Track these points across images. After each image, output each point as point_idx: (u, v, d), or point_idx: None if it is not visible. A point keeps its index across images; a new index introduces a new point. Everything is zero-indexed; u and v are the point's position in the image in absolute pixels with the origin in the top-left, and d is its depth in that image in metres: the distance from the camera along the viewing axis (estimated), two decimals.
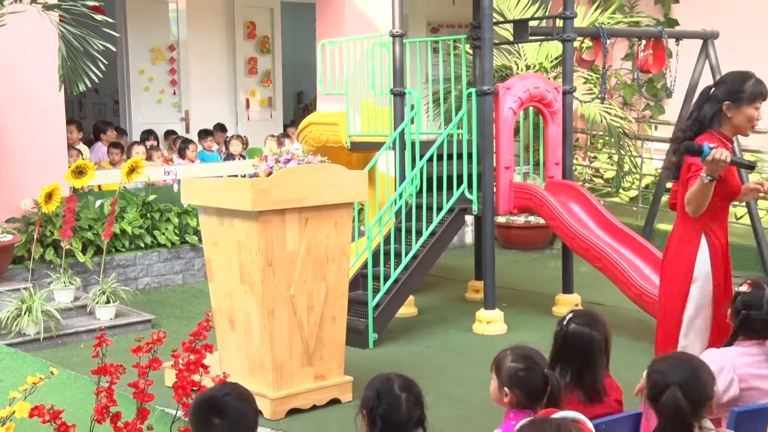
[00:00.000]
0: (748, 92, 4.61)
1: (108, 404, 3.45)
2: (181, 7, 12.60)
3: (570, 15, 7.67)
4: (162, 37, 12.65)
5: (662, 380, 3.08)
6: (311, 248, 5.41)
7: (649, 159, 11.65)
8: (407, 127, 7.49)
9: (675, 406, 2.99)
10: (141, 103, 12.55)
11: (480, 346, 6.71)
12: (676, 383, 3.03)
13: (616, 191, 11.72)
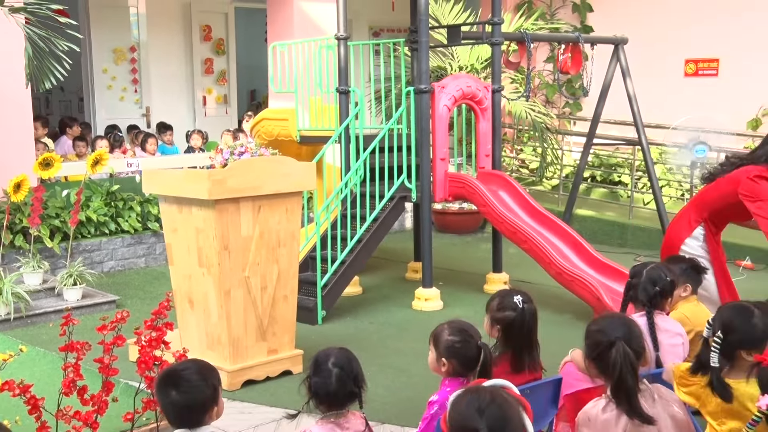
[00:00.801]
0: None
1: (75, 378, 3.41)
2: (141, 11, 12.48)
3: (497, 21, 7.71)
4: (123, 39, 12.52)
5: (605, 338, 3.06)
6: (264, 233, 5.38)
7: (568, 151, 11.76)
8: (352, 123, 7.47)
9: (624, 356, 2.98)
10: (104, 100, 12.43)
11: (419, 321, 6.72)
12: (620, 338, 3.03)
13: (539, 180, 11.84)
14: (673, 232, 5.12)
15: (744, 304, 3.41)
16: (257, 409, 5.06)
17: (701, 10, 10.91)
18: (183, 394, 2.87)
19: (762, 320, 3.24)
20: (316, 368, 3.16)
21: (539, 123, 10.88)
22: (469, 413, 2.46)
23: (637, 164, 10.41)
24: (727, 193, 4.90)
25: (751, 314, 3.26)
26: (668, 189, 10.50)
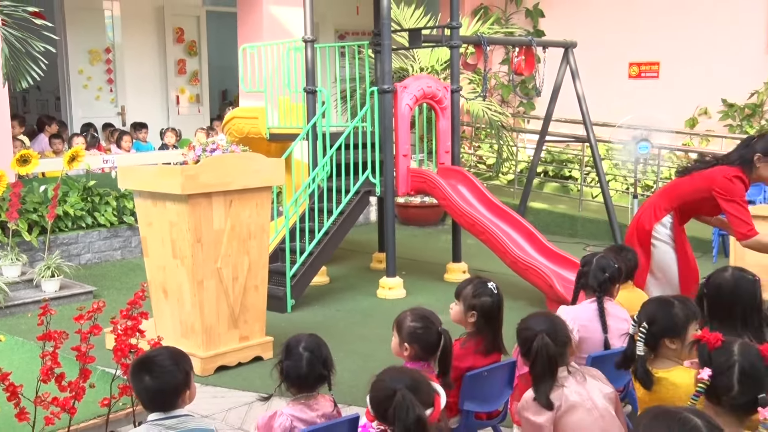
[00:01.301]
0: None
1: (52, 366, 3.34)
2: (116, 14, 12.33)
3: (456, 25, 7.71)
4: (99, 40, 12.35)
5: (531, 333, 3.16)
6: (235, 226, 5.34)
7: (523, 148, 11.82)
8: (319, 121, 7.43)
9: (544, 345, 3.08)
10: (80, 100, 12.26)
11: (383, 309, 6.71)
12: (542, 331, 3.13)
13: (496, 175, 11.88)
14: (643, 218, 5.19)
15: (664, 298, 3.51)
16: (229, 393, 5.04)
17: (644, 16, 11.02)
18: (156, 380, 2.84)
19: (682, 310, 3.33)
20: (288, 352, 3.17)
21: (495, 121, 10.91)
22: (387, 383, 2.75)
23: (586, 160, 10.48)
24: (701, 189, 4.97)
25: (671, 306, 3.35)
26: (614, 183, 10.59)
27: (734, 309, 3.61)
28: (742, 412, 2.66)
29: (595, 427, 3.03)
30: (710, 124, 10.58)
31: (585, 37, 10.19)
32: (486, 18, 12.13)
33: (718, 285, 3.68)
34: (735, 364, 2.65)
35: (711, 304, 3.60)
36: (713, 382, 2.65)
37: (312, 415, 3.09)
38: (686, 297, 3.59)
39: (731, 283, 3.66)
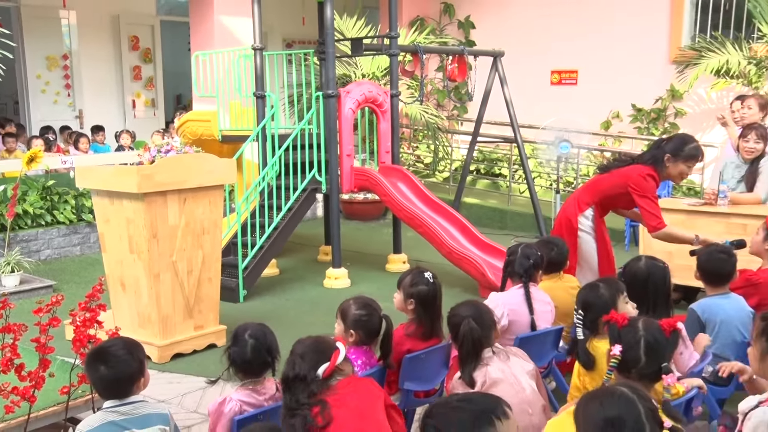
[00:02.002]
0: (685, 153, 4.91)
1: (12, 357, 3.23)
2: (72, 22, 12.05)
3: (394, 35, 7.69)
4: (56, 47, 12.07)
5: (458, 319, 3.23)
6: (189, 223, 5.25)
7: (457, 148, 11.88)
8: (268, 123, 7.36)
9: (469, 330, 3.16)
10: (39, 104, 11.98)
11: (329, 298, 6.66)
12: (468, 316, 3.20)
13: (432, 173, 11.91)
14: (568, 211, 5.29)
15: (592, 283, 3.64)
16: (185, 379, 4.95)
17: (564, 29, 11.13)
18: (111, 369, 2.78)
19: (607, 290, 3.49)
20: (235, 340, 3.15)
21: (432, 123, 10.94)
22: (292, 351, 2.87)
23: (513, 159, 10.57)
24: (618, 185, 5.10)
25: (598, 288, 3.51)
26: (539, 180, 10.70)
27: (647, 293, 3.76)
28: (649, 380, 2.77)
29: (516, 399, 3.05)
30: (622, 127, 10.76)
31: (512, 47, 10.26)
32: (422, 29, 12.15)
33: (634, 272, 3.85)
34: (641, 339, 2.76)
35: (627, 289, 3.70)
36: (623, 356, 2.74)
37: (260, 399, 3.06)
38: (609, 276, 3.71)
39: (645, 270, 3.83)
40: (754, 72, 9.19)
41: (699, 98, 10.13)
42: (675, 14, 10.24)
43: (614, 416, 2.09)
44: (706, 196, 6.15)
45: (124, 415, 2.78)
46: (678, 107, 10.26)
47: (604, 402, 2.14)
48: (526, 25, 11.48)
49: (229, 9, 10.13)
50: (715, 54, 9.39)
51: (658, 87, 10.37)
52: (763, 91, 8.89)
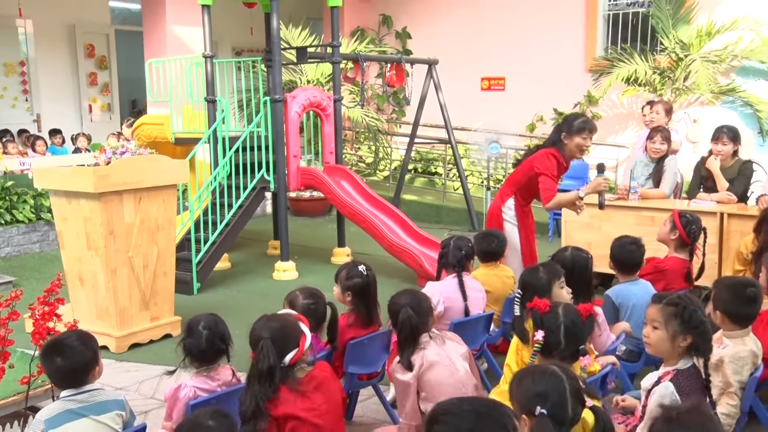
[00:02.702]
0: (575, 127, 4.96)
1: None
2: (29, 30, 11.67)
3: (337, 44, 7.66)
4: (13, 54, 11.68)
5: (397, 307, 3.23)
6: (145, 220, 5.16)
7: (396, 149, 11.89)
8: (219, 126, 7.26)
9: (408, 317, 3.16)
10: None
11: (278, 289, 6.60)
12: (407, 304, 3.20)
13: (374, 172, 11.92)
14: (494, 204, 5.36)
15: (533, 266, 3.70)
16: (142, 368, 4.86)
17: (493, 38, 11.25)
18: (67, 359, 2.72)
19: (545, 274, 3.53)
20: (189, 332, 3.10)
21: (372, 126, 10.94)
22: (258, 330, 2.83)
23: (448, 159, 10.65)
24: (527, 170, 5.15)
25: (537, 271, 3.56)
26: (472, 178, 10.81)
27: (573, 280, 3.79)
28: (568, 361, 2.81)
29: (451, 380, 3.11)
30: (545, 129, 10.87)
31: (445, 55, 10.33)
32: (362, 38, 12.13)
33: (561, 261, 3.88)
34: (561, 324, 2.81)
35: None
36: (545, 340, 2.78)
37: (213, 385, 3.03)
38: (550, 261, 3.77)
39: (570, 260, 3.91)
40: (658, 80, 9.45)
41: (612, 103, 10.35)
42: (590, 28, 10.44)
43: (542, 390, 2.21)
44: (620, 191, 6.27)
45: (82, 403, 2.73)
46: (594, 111, 10.47)
47: (536, 377, 2.26)
48: (459, 35, 11.57)
49: (181, 19, 9.96)
50: (625, 64, 9.61)
51: (577, 93, 10.55)
52: (666, 98, 9.15)
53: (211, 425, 2.24)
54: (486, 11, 11.30)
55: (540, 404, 2.19)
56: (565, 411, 2.19)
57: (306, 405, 2.72)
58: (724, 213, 5.61)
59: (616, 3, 10.36)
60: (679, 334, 2.81)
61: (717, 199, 5.85)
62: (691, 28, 9.36)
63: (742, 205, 5.80)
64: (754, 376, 3.31)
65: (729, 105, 9.35)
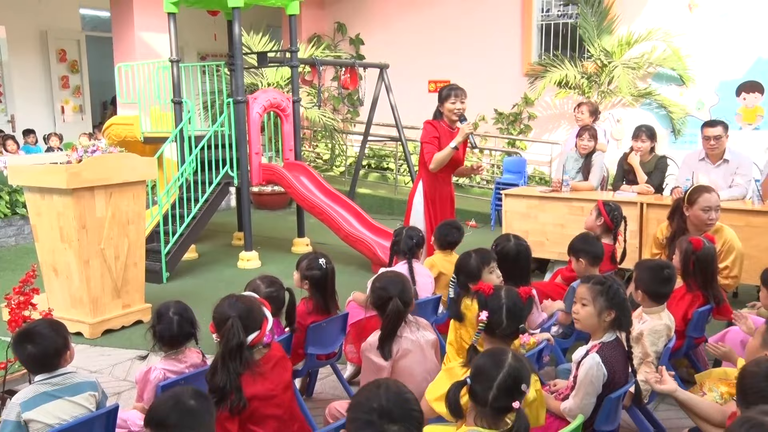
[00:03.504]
0: (443, 95, 5.17)
1: None
2: (3, 36, 11.26)
3: (295, 50, 7.59)
4: None
5: (385, 294, 3.07)
6: (115, 214, 5.06)
7: (351, 146, 11.87)
8: (185, 126, 7.16)
9: (397, 310, 3.01)
10: None
11: (242, 277, 6.47)
12: (396, 295, 3.05)
13: (330, 168, 11.88)
14: (411, 190, 5.38)
15: (467, 252, 3.65)
16: (115, 352, 4.78)
17: (439, 45, 11.29)
18: (38, 346, 2.66)
19: (476, 260, 3.53)
20: (160, 318, 3.04)
21: (329, 125, 10.90)
22: (225, 309, 2.73)
23: (399, 155, 10.68)
24: (421, 147, 5.28)
25: (470, 257, 3.54)
26: None
27: (515, 267, 3.82)
28: (509, 339, 2.83)
29: (421, 368, 3.06)
30: (487, 128, 11.02)
31: (396, 60, 10.34)
32: (319, 44, 12.06)
33: (506, 250, 3.88)
34: (503, 305, 2.80)
35: (499, 264, 3.74)
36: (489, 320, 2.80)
37: (181, 367, 3.00)
38: (483, 248, 3.77)
39: (513, 249, 3.89)
40: (586, 84, 9.62)
41: (546, 104, 10.50)
42: (525, 37, 10.56)
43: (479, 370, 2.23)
44: (553, 184, 6.36)
45: (56, 386, 2.68)
46: (530, 111, 10.60)
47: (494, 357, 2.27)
48: (408, 42, 11.58)
49: (148, 26, 9.77)
50: (557, 69, 9.76)
51: (514, 95, 10.67)
52: (593, 99, 9.32)
53: (193, 405, 2.13)
54: (433, 20, 11.34)
55: (470, 375, 2.22)
56: (485, 395, 2.19)
57: (266, 386, 2.69)
58: (644, 203, 5.75)
59: (548, 14, 10.49)
60: (604, 310, 2.87)
61: (637, 190, 5.99)
62: (613, 37, 9.55)
63: (659, 196, 5.94)
64: (668, 346, 3.40)
65: (646, 107, 9.58)
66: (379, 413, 1.79)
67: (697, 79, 9.20)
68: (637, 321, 3.36)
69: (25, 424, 2.60)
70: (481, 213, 9.17)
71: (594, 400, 2.78)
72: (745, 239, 4.72)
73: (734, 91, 9.01)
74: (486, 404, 2.19)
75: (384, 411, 1.80)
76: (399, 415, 1.80)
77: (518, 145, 10.56)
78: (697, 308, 3.79)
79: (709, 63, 9.10)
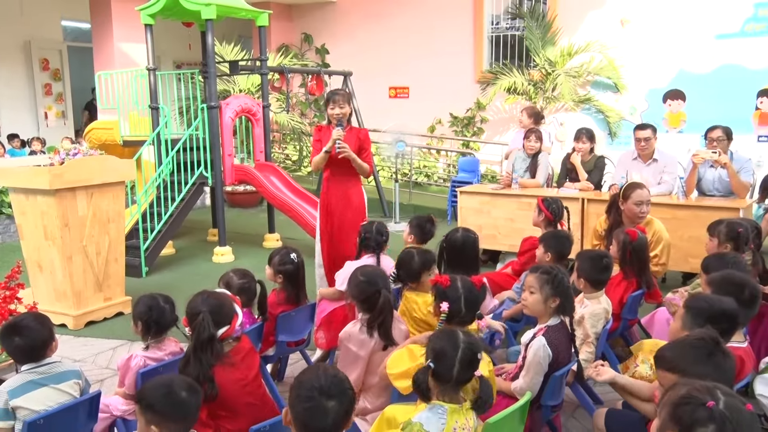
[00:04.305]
0: (326, 101, 4.69)
1: None
2: None
3: (264, 58, 7.53)
4: None
5: (372, 288, 2.92)
6: (96, 213, 4.98)
7: None
8: (162, 130, 7.06)
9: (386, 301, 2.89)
10: None
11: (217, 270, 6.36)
12: (385, 287, 2.94)
13: (299, 168, 11.82)
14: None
15: (408, 250, 3.55)
16: (97, 342, 4.71)
17: (398, 55, 11.32)
18: (25, 338, 2.62)
19: (417, 263, 3.42)
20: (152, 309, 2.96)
21: (297, 128, 10.85)
22: (197, 304, 2.69)
23: None
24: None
25: (413, 257, 3.43)
26: (383, 171, 10.87)
27: (463, 257, 3.79)
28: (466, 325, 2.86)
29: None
30: (443, 130, 11.11)
31: (358, 68, 10.33)
32: (287, 53, 11.99)
33: (453, 241, 3.85)
34: (461, 295, 2.82)
35: (448, 255, 3.78)
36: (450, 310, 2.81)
37: (161, 354, 2.97)
38: (426, 249, 3.69)
39: (461, 240, 3.85)
40: (532, 90, 9.76)
41: (497, 109, 10.61)
42: (477, 47, 10.66)
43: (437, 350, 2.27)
44: (503, 181, 6.45)
45: (42, 374, 2.64)
46: (483, 115, 10.71)
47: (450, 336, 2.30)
48: (370, 51, 11.59)
49: (127, 36, 9.60)
50: (506, 77, 9.87)
51: (468, 100, 10.77)
52: (539, 105, 9.46)
53: (184, 397, 2.09)
54: (393, 32, 11.36)
55: (431, 359, 2.25)
56: (449, 371, 2.23)
57: (236, 375, 2.67)
58: (584, 198, 5.86)
59: (498, 27, 10.60)
60: (550, 297, 2.92)
61: (579, 187, 6.10)
62: (556, 48, 9.70)
63: (598, 192, 6.06)
64: (605, 328, 3.48)
65: (586, 111, 9.76)
66: (319, 391, 1.87)
67: (629, 87, 9.41)
68: (578, 306, 3.42)
69: (12, 411, 2.56)
70: (439, 209, 9.23)
71: (541, 378, 2.83)
72: (671, 230, 4.84)
73: (661, 98, 9.25)
74: (450, 380, 2.23)
75: (323, 389, 1.87)
76: (335, 392, 1.88)
77: (472, 146, 10.65)
78: (631, 293, 3.88)
79: (639, 73, 9.31)
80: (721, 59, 8.76)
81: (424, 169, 10.86)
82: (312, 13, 12.31)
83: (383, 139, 9.42)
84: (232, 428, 2.62)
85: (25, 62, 11.62)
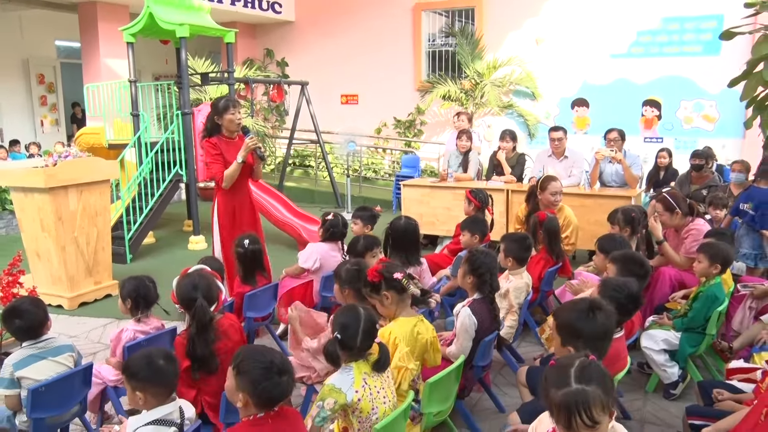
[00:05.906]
0: (222, 107, 4.18)
1: None
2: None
3: (231, 71, 7.40)
4: None
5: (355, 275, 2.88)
6: (86, 208, 4.91)
7: (279, 148, 11.76)
8: (142, 134, 6.93)
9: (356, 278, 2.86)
10: None
11: (193, 257, 6.42)
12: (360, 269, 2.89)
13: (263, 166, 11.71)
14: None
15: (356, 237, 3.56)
16: (90, 320, 4.67)
17: (349, 67, 11.31)
18: (25, 320, 2.63)
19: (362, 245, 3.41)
20: (139, 288, 2.97)
21: (261, 131, 10.75)
22: (190, 289, 2.64)
23: (318, 154, 10.67)
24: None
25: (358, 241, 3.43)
26: (336, 168, 10.89)
27: (406, 241, 3.79)
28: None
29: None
30: (388, 132, 11.17)
31: (314, 78, 10.31)
32: (251, 66, 11.83)
33: (396, 227, 3.82)
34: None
35: (393, 240, 3.80)
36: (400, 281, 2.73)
37: (147, 328, 2.99)
38: (372, 235, 3.70)
39: (404, 226, 3.83)
40: (464, 98, 9.96)
41: (435, 114, 10.76)
42: (416, 60, 10.77)
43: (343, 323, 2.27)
44: (441, 176, 6.54)
45: (41, 349, 2.67)
46: (422, 119, 10.83)
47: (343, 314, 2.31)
48: (324, 64, 11.56)
49: (112, 53, 9.45)
50: (441, 86, 10.03)
51: (409, 106, 10.87)
52: (470, 110, 9.66)
53: (161, 365, 2.10)
54: (344, 47, 11.36)
55: (337, 332, 2.24)
56: (353, 341, 2.22)
57: (228, 344, 2.70)
58: (509, 190, 6.02)
59: (434, 43, 10.74)
60: (467, 274, 2.99)
61: (504, 180, 6.26)
62: (483, 62, 9.90)
63: (520, 184, 6.21)
64: (527, 299, 3.61)
65: (510, 115, 10.02)
66: (271, 367, 1.90)
67: (544, 95, 9.71)
68: (504, 281, 3.51)
69: (18, 380, 2.57)
70: (385, 200, 9.34)
71: (470, 343, 2.88)
72: (579, 215, 5.05)
73: (569, 105, 9.59)
74: (354, 347, 2.22)
75: (275, 366, 1.91)
76: (286, 370, 1.93)
77: (413, 145, 10.79)
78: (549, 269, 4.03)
79: (551, 84, 9.62)
80: (615, 74, 9.15)
81: (372, 165, 10.94)
82: (273, 31, 12.18)
83: (336, 140, 9.45)
84: (211, 390, 2.66)
85: (23, 77, 11.47)
